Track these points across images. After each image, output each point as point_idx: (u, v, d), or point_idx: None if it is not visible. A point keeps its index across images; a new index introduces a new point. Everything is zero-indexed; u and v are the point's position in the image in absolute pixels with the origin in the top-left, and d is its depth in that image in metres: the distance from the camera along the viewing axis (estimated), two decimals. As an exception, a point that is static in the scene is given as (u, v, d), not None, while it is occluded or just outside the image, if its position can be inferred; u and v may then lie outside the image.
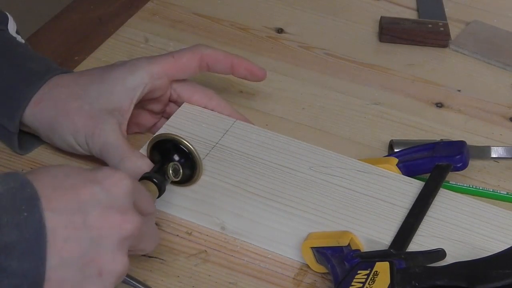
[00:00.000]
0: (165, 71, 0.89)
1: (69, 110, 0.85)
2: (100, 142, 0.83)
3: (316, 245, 0.78)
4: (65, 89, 0.86)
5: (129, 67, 0.87)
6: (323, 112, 1.00)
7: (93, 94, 0.85)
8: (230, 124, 0.89)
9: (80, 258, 0.65)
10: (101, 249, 0.65)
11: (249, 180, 0.83)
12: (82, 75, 0.88)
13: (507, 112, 1.03)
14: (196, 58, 0.90)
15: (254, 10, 1.15)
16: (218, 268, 0.80)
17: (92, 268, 0.65)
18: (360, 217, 0.80)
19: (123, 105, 0.86)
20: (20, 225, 0.62)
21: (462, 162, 0.87)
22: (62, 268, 0.64)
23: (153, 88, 0.88)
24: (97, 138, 0.83)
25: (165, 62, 0.89)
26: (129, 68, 0.87)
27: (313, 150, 0.87)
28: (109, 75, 0.87)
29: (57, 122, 0.85)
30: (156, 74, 0.88)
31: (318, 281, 0.80)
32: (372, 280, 0.72)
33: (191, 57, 0.90)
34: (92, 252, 0.65)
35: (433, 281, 0.71)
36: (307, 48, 1.10)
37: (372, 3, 1.19)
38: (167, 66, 0.89)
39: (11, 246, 0.62)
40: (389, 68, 1.08)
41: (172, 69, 0.89)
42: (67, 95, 0.85)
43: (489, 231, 0.81)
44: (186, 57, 0.90)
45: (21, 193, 0.63)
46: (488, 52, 1.11)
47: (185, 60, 0.90)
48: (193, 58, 0.90)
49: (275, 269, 0.81)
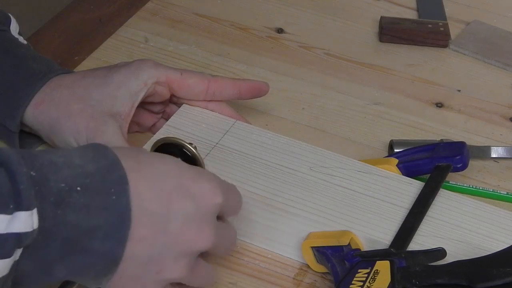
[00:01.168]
0: (169, 83, 0.88)
1: (71, 112, 0.85)
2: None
3: (316, 245, 0.78)
4: (67, 90, 0.86)
5: (134, 70, 0.87)
6: (323, 112, 1.00)
7: (96, 97, 0.85)
8: (230, 125, 0.89)
9: (148, 258, 0.67)
10: (168, 255, 0.68)
11: (249, 180, 0.83)
12: (85, 76, 0.88)
13: (507, 112, 1.03)
14: (204, 84, 0.90)
15: (254, 10, 1.15)
16: (218, 268, 0.80)
17: (153, 266, 0.67)
18: (360, 217, 0.80)
19: (125, 109, 0.86)
20: (108, 208, 0.64)
21: (462, 163, 0.87)
22: (131, 260, 0.66)
23: (154, 93, 0.88)
24: (99, 140, 0.83)
25: (172, 75, 0.88)
26: (134, 71, 0.87)
27: (313, 150, 0.87)
28: (113, 78, 0.86)
29: (59, 123, 0.85)
30: (160, 83, 0.88)
31: (318, 281, 0.80)
32: (372, 278, 0.72)
33: (198, 81, 0.90)
34: (159, 255, 0.67)
35: (434, 280, 0.71)
36: (307, 48, 1.10)
37: (372, 3, 1.19)
38: (172, 79, 0.88)
39: (97, 229, 0.63)
40: (389, 68, 1.08)
41: (175, 85, 0.89)
42: (69, 97, 0.85)
43: (489, 231, 0.81)
44: (193, 80, 0.89)
45: (111, 174, 0.65)
46: (488, 52, 1.11)
47: (191, 82, 0.89)
48: (201, 82, 0.90)
49: (275, 269, 0.81)
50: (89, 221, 0.63)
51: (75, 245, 0.63)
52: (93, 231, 0.63)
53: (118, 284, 0.67)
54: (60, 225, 0.62)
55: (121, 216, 0.64)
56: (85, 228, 0.63)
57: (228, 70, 1.04)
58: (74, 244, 0.63)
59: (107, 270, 0.66)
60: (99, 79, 0.86)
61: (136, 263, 0.66)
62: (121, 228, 0.64)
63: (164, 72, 0.88)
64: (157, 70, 0.87)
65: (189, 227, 0.68)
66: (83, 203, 0.63)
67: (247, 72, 1.04)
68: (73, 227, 0.62)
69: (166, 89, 0.88)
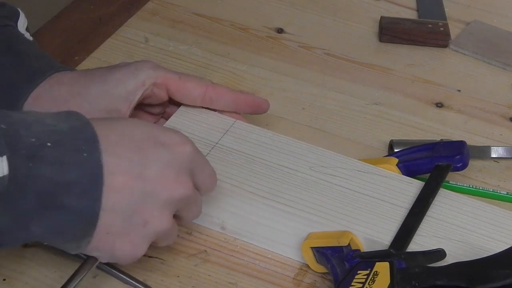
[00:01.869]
0: (166, 85, 0.88)
1: (68, 108, 0.85)
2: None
3: (316, 245, 0.78)
4: (65, 87, 0.86)
5: (133, 70, 0.87)
6: (323, 112, 1.00)
7: (94, 94, 0.85)
8: (230, 124, 0.89)
9: (129, 206, 0.68)
10: (150, 204, 0.69)
11: (249, 180, 0.83)
12: (84, 74, 0.88)
13: (507, 112, 1.03)
14: (201, 88, 0.89)
15: (254, 10, 1.15)
16: (218, 268, 0.80)
17: (138, 218, 0.69)
18: (360, 217, 0.80)
19: (122, 107, 0.86)
20: (80, 165, 0.66)
21: (462, 162, 0.87)
22: (113, 212, 0.67)
23: (152, 95, 0.88)
24: None
25: (170, 77, 0.88)
26: (133, 71, 0.87)
27: (313, 150, 0.87)
28: (112, 76, 0.86)
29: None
30: (158, 84, 0.87)
31: (318, 281, 0.80)
32: (372, 280, 0.72)
33: (196, 85, 0.89)
34: (141, 204, 0.69)
35: (433, 281, 0.71)
36: (307, 48, 1.10)
37: (372, 3, 1.19)
38: (170, 81, 0.88)
39: (72, 184, 0.65)
40: (389, 68, 1.08)
41: (173, 87, 0.88)
42: (67, 93, 0.86)
43: (489, 231, 0.81)
44: (191, 83, 0.89)
45: (82, 133, 0.67)
46: (488, 52, 1.11)
47: (189, 85, 0.89)
48: (198, 87, 0.89)
49: (275, 269, 0.81)
50: (63, 176, 0.65)
51: (51, 200, 0.65)
52: (68, 187, 0.65)
53: (106, 243, 0.69)
54: (33, 177, 0.64)
55: (93, 173, 0.66)
56: (60, 183, 0.65)
57: (228, 70, 1.04)
58: (49, 199, 0.65)
59: (85, 230, 0.67)
60: (98, 77, 0.87)
61: (119, 216, 0.68)
62: (95, 185, 0.66)
63: (162, 74, 0.88)
64: (155, 71, 0.87)
65: (166, 173, 0.70)
66: (55, 158, 0.65)
67: (247, 72, 1.04)
68: (47, 180, 0.64)
69: (164, 91, 0.88)
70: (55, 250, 0.79)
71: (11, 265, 0.78)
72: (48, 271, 0.77)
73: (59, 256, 0.78)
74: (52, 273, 0.77)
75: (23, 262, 0.78)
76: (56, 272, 0.77)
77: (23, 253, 0.79)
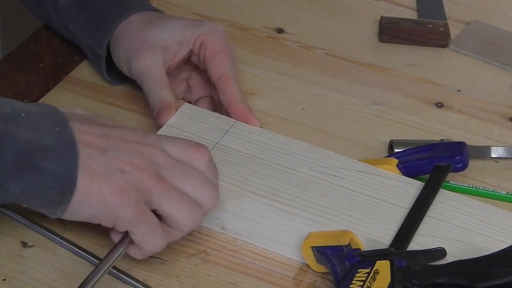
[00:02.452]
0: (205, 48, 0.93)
1: (133, 32, 0.93)
2: (141, 66, 0.91)
3: (316, 245, 0.78)
4: (144, 23, 0.94)
5: (197, 23, 0.94)
6: (323, 112, 1.00)
7: (156, 30, 0.93)
8: (230, 125, 0.89)
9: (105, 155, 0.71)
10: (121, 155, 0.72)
11: (249, 180, 0.83)
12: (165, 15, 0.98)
13: (507, 112, 1.03)
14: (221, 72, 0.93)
15: (254, 10, 1.15)
16: (218, 268, 0.80)
17: (114, 164, 0.71)
18: (360, 217, 0.80)
19: (175, 47, 0.93)
20: (55, 135, 0.69)
21: (462, 163, 0.87)
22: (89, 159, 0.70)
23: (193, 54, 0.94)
24: (136, 60, 0.91)
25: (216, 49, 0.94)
26: (193, 23, 0.94)
27: (313, 150, 0.87)
28: (178, 22, 0.94)
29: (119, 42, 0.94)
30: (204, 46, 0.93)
31: (318, 281, 0.80)
32: (372, 278, 0.72)
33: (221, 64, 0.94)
34: (114, 155, 0.72)
35: (434, 279, 0.71)
36: (307, 48, 1.10)
37: (372, 3, 1.19)
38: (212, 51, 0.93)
39: (48, 149, 0.68)
40: (389, 68, 1.08)
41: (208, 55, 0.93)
42: (140, 24, 0.94)
43: (489, 231, 0.81)
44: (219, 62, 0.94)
45: (52, 116, 0.71)
46: (488, 52, 1.11)
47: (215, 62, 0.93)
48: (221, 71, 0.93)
49: (275, 269, 0.81)
50: (40, 140, 0.68)
51: (27, 160, 0.68)
52: (45, 150, 0.68)
53: (93, 188, 0.70)
54: (10, 136, 0.67)
55: (68, 142, 0.69)
56: (36, 145, 0.68)
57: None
58: (26, 160, 0.68)
59: (61, 197, 0.69)
60: (171, 19, 0.95)
61: (97, 160, 0.70)
62: (71, 151, 0.69)
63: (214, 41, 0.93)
64: (213, 36, 0.93)
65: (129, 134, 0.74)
66: (30, 125, 0.68)
67: (247, 72, 1.04)
68: (24, 141, 0.67)
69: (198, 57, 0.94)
70: (55, 250, 0.79)
71: (11, 265, 0.78)
72: (48, 271, 0.77)
73: (59, 256, 0.79)
74: (52, 273, 0.77)
75: (23, 262, 0.78)
76: (56, 272, 0.77)
77: (23, 253, 0.79)
